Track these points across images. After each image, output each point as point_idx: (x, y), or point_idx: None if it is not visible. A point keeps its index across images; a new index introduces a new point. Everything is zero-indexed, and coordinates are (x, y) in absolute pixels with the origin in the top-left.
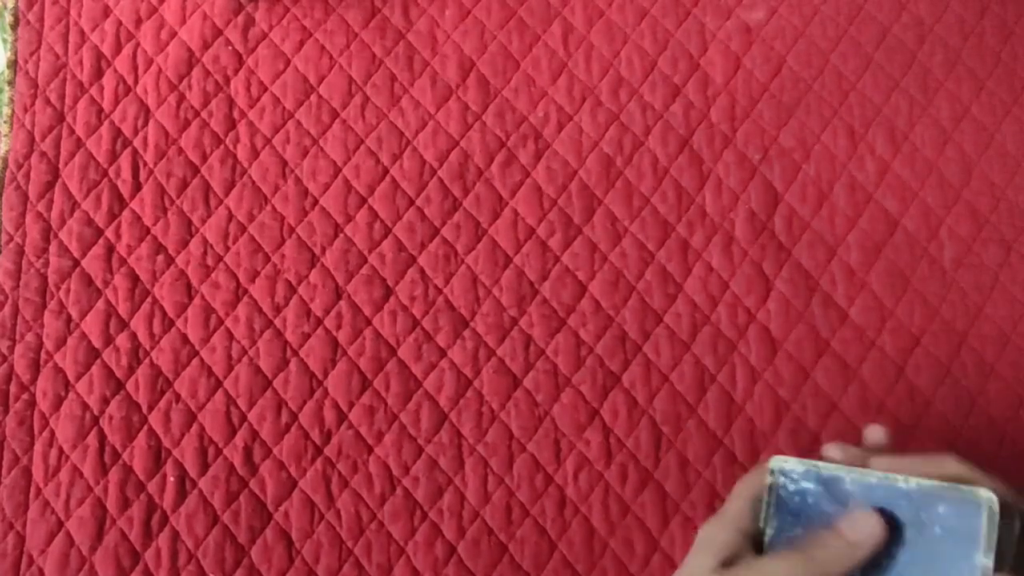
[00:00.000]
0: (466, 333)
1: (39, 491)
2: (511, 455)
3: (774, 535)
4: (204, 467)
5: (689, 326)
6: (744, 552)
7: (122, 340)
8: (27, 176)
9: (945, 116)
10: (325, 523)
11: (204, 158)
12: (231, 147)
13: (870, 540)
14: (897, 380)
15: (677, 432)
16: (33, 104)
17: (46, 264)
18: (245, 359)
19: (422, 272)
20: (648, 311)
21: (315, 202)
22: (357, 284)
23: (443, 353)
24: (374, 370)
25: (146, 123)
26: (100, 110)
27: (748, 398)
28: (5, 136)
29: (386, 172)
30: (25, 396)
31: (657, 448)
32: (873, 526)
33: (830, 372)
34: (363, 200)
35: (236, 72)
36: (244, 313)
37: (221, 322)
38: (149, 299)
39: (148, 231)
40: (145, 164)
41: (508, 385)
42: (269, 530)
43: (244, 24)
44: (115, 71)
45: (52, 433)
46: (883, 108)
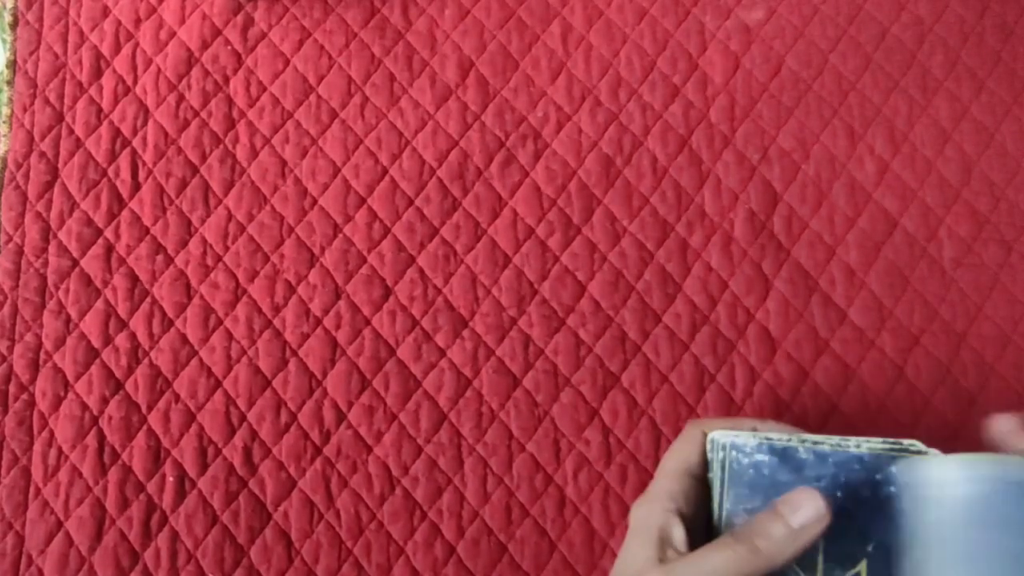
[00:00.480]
0: (465, 333)
1: (38, 491)
2: (510, 455)
3: (731, 510)
4: (203, 467)
5: (688, 326)
6: (680, 536)
7: (121, 340)
8: (26, 176)
9: (945, 116)
10: (324, 523)
11: (203, 158)
12: (230, 147)
13: (815, 524)
14: (896, 380)
15: (677, 432)
16: (32, 104)
17: (45, 264)
18: (244, 359)
19: (421, 272)
20: (647, 311)
21: (314, 202)
22: (356, 284)
23: (442, 353)
24: (373, 370)
25: (145, 123)
26: (99, 110)
27: (747, 398)
28: (4, 136)
29: (385, 172)
30: (24, 396)
31: (657, 448)
32: (815, 507)
33: (829, 372)
34: (362, 200)
35: (235, 72)
36: (243, 313)
37: (220, 322)
38: (148, 299)
39: (147, 231)
40: (144, 164)
41: (507, 385)
42: (268, 530)
43: (243, 24)
44: (114, 71)
45: (51, 433)
46: (882, 108)
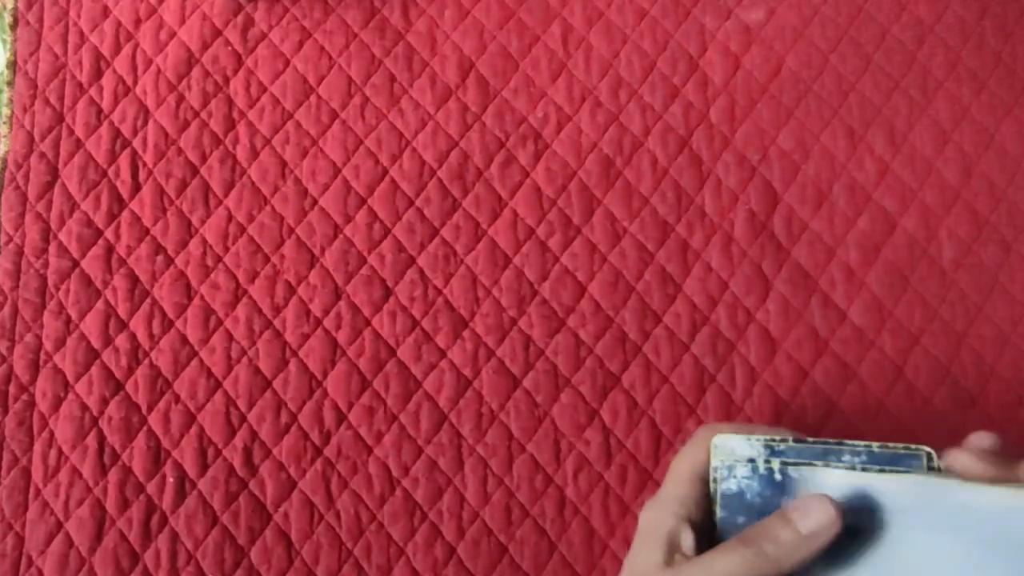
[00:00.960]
0: (465, 333)
1: (38, 492)
2: (511, 456)
3: (725, 518)
4: (203, 468)
5: (688, 326)
6: (688, 541)
7: (121, 341)
8: (26, 177)
9: (945, 116)
10: (325, 524)
11: (203, 158)
12: (230, 147)
13: (825, 531)
14: (896, 380)
15: (676, 432)
16: (32, 104)
17: (45, 265)
18: (244, 360)
19: (421, 273)
20: (647, 311)
21: (314, 202)
22: (356, 285)
23: (443, 353)
24: (373, 371)
25: (145, 123)
26: (99, 110)
27: (747, 398)
28: (4, 137)
29: (385, 172)
30: (24, 397)
31: (657, 448)
32: (827, 513)
33: (829, 372)
34: (363, 200)
35: (235, 72)
36: (243, 314)
37: (220, 323)
38: (148, 300)
39: (147, 232)
40: (144, 164)
41: (508, 385)
42: (268, 531)
43: (243, 24)
44: (114, 71)
45: (51, 434)
46: (883, 108)
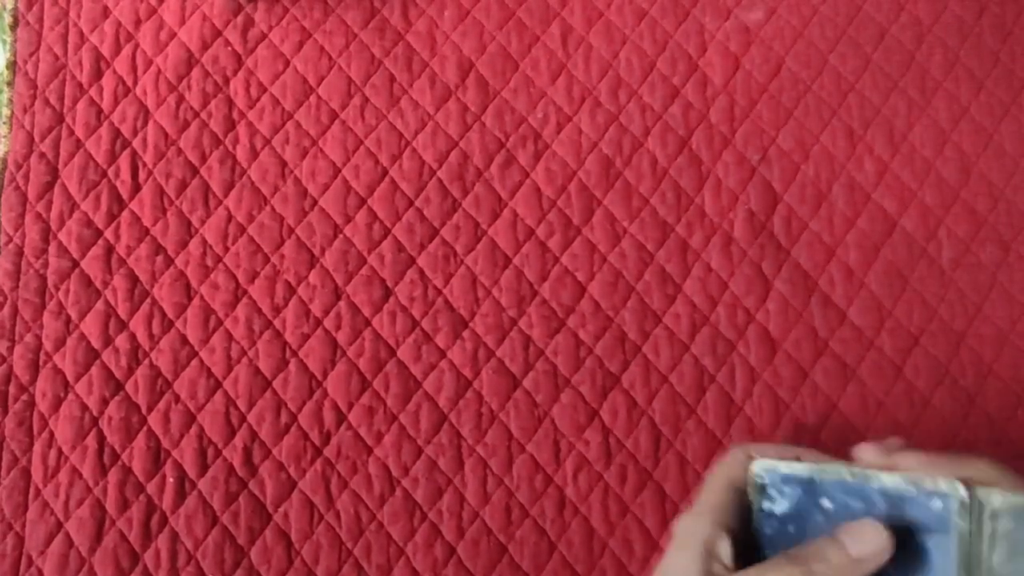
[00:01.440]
0: (465, 334)
1: (38, 492)
2: (510, 456)
3: (770, 536)
4: (203, 468)
5: (688, 326)
6: (726, 551)
7: (121, 341)
8: (26, 177)
9: (944, 116)
10: (324, 524)
11: (203, 159)
12: (230, 148)
13: (877, 556)
14: (896, 380)
15: (676, 432)
16: (32, 105)
17: (45, 265)
18: (244, 360)
19: (421, 273)
20: (647, 311)
21: (314, 203)
22: (356, 285)
23: (442, 354)
24: (373, 371)
25: (145, 124)
26: (99, 111)
27: (747, 398)
28: (4, 137)
29: (385, 173)
30: (24, 397)
31: (656, 448)
32: (880, 539)
33: (829, 372)
34: (362, 201)
35: (235, 73)
36: (243, 314)
37: (220, 323)
38: (148, 300)
39: (147, 232)
40: (144, 165)
41: (507, 386)
42: (268, 531)
43: (243, 25)
44: (114, 72)
45: (51, 434)
46: (882, 108)
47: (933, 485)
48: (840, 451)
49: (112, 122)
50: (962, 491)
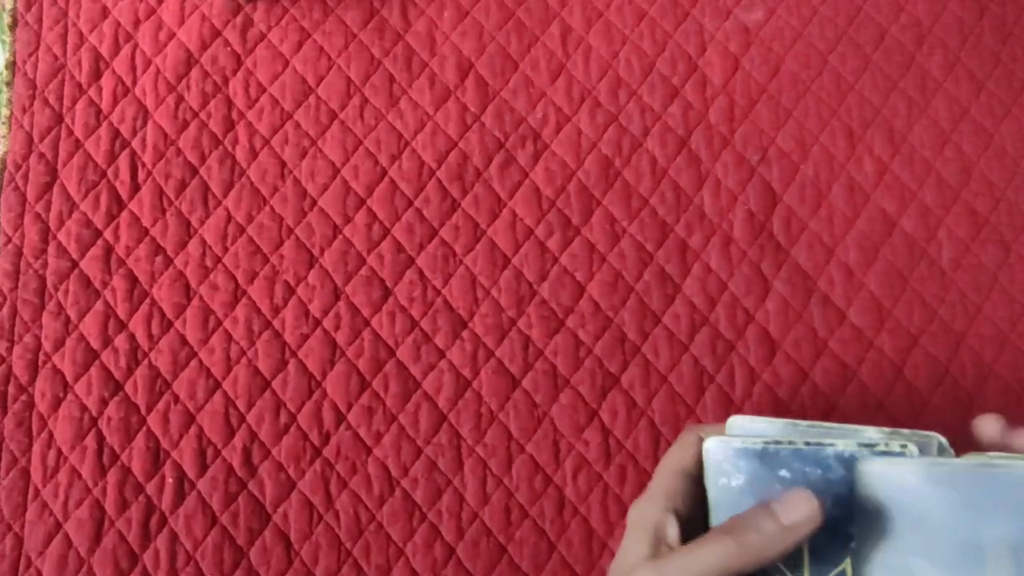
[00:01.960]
0: (465, 334)
1: (37, 492)
2: (510, 456)
3: (719, 515)
4: (203, 468)
5: (688, 327)
6: (673, 532)
7: (120, 341)
8: (25, 177)
9: (944, 117)
10: (324, 524)
11: (203, 159)
12: (230, 148)
13: (807, 523)
14: (895, 380)
15: (676, 432)
16: (31, 105)
17: (44, 265)
18: (244, 360)
19: (421, 273)
20: (647, 312)
21: (314, 203)
22: (356, 285)
23: (442, 354)
24: (373, 371)
25: (144, 124)
26: (99, 111)
27: (747, 398)
28: (3, 137)
29: (385, 173)
30: (23, 397)
31: (656, 448)
32: (809, 507)
33: (828, 372)
34: (362, 201)
35: (235, 73)
36: (243, 314)
37: (220, 323)
38: (148, 300)
39: (146, 232)
40: (143, 165)
41: (507, 386)
42: (268, 531)
43: (242, 25)
44: (113, 72)
45: (50, 434)
46: (881, 109)
47: (885, 447)
48: None
49: (111, 122)
50: (915, 451)
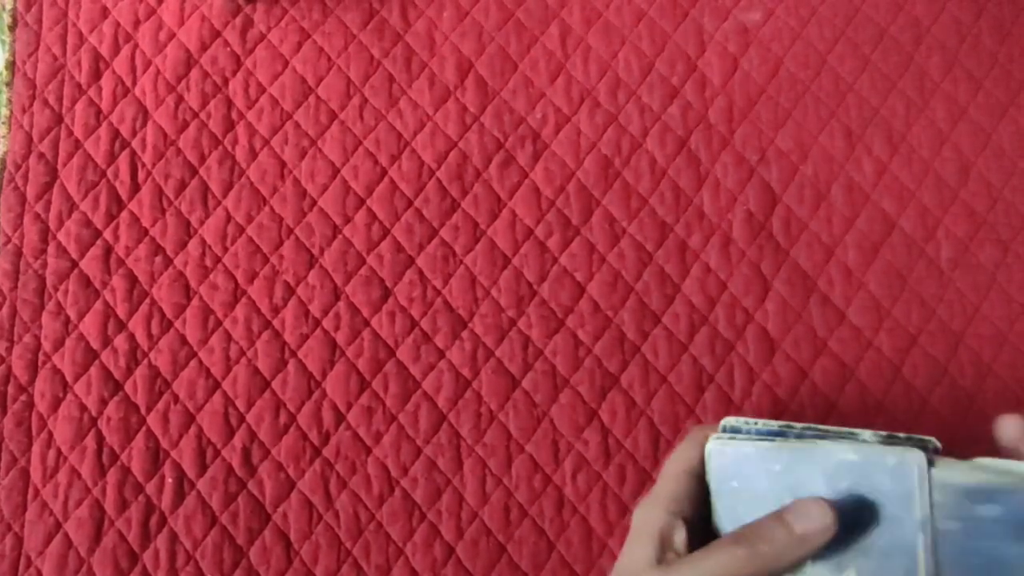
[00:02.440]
0: (464, 334)
1: (37, 492)
2: (509, 456)
3: (723, 517)
4: (202, 468)
5: (687, 326)
6: (680, 537)
7: (120, 341)
8: (25, 177)
9: (942, 117)
10: (324, 524)
11: (202, 159)
12: (229, 148)
13: (821, 534)
14: (894, 380)
15: (675, 432)
16: (31, 105)
17: (44, 265)
18: (243, 360)
19: (420, 273)
20: (646, 312)
21: (313, 203)
22: (355, 285)
23: (441, 354)
24: (372, 371)
25: (144, 124)
26: (98, 111)
27: (746, 398)
28: (3, 137)
29: (384, 173)
30: (23, 397)
31: (655, 448)
32: (825, 517)
33: (828, 372)
34: (361, 201)
35: (234, 73)
36: (242, 314)
37: (219, 323)
38: (147, 300)
39: (146, 232)
40: (143, 165)
41: (507, 386)
42: (267, 531)
43: (242, 25)
44: (113, 72)
45: (50, 434)
46: (880, 109)
47: (880, 454)
48: None
49: (111, 122)
50: (913, 458)
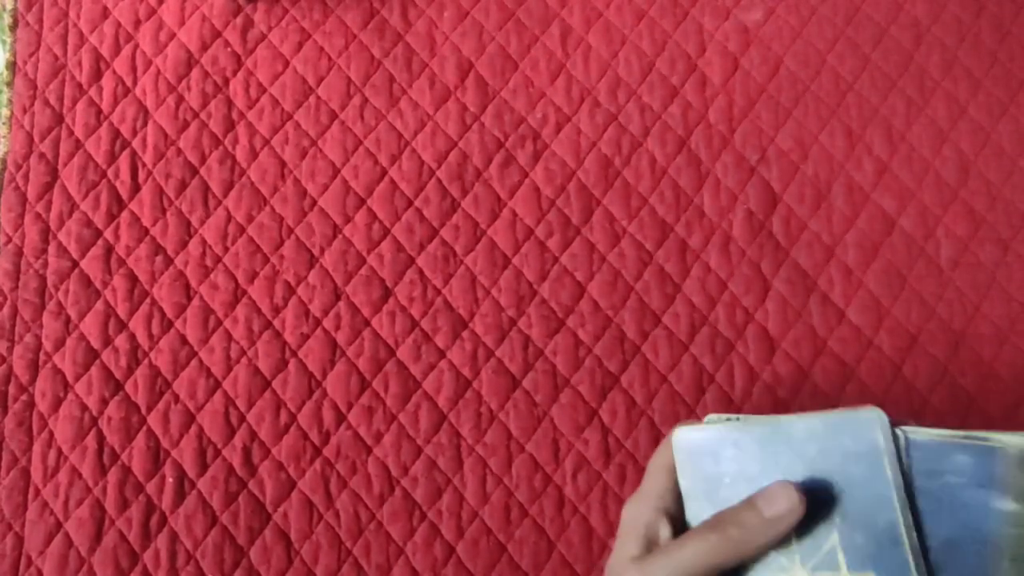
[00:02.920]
0: (465, 334)
1: (38, 492)
2: (510, 455)
3: (694, 508)
4: (203, 468)
5: (687, 326)
6: (665, 533)
7: (121, 341)
8: (26, 177)
9: (942, 116)
10: (324, 524)
11: (203, 159)
12: (230, 148)
13: (789, 515)
14: (894, 379)
15: None
16: (32, 105)
17: (45, 265)
18: (244, 360)
19: (421, 273)
20: (646, 311)
21: (314, 203)
22: (356, 285)
23: (442, 354)
24: (373, 371)
25: (145, 124)
26: (99, 111)
27: (746, 398)
28: (4, 137)
29: (384, 173)
30: (24, 397)
31: (656, 448)
32: (789, 499)
33: (828, 372)
34: (362, 201)
35: (235, 73)
36: (243, 314)
37: (220, 323)
38: (148, 300)
39: (147, 232)
40: (144, 165)
41: (507, 385)
42: (268, 531)
43: (243, 25)
44: (114, 72)
45: (51, 434)
46: (880, 108)
47: (842, 416)
48: None
49: (112, 122)
50: (878, 416)
